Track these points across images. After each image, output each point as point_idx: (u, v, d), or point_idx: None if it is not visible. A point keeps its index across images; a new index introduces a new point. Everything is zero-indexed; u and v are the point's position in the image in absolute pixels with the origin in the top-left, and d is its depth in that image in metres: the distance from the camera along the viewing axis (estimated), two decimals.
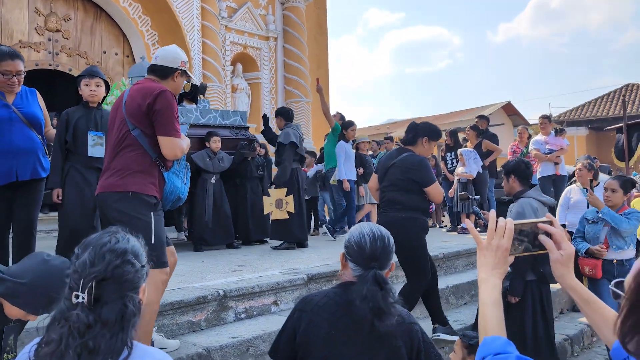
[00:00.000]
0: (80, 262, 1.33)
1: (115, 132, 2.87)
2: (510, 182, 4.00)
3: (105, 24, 10.25)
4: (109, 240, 1.37)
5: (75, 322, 1.26)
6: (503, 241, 1.26)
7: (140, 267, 1.38)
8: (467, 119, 19.32)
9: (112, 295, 1.30)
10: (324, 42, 14.43)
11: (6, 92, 3.64)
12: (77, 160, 3.86)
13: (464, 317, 4.72)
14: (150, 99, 2.79)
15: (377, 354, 1.84)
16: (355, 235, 1.94)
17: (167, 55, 2.99)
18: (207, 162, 6.31)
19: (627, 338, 0.95)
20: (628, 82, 24.75)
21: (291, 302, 4.12)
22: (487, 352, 1.17)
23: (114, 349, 1.26)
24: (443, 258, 5.69)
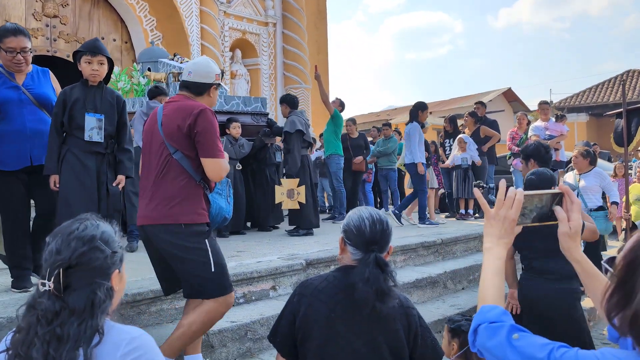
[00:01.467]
0: (48, 250, 1.34)
1: (155, 157, 2.71)
2: (529, 167, 3.92)
3: (103, 10, 10.19)
4: (77, 228, 1.36)
5: (43, 310, 1.27)
6: (511, 212, 1.26)
7: (110, 253, 1.37)
8: (467, 105, 19.26)
9: (80, 282, 1.30)
10: (323, 28, 14.36)
11: (15, 71, 3.49)
12: (74, 144, 3.43)
13: (461, 302, 4.75)
14: (190, 119, 2.66)
15: (376, 337, 1.86)
16: (354, 219, 1.95)
17: (201, 70, 2.84)
18: (228, 148, 6.27)
19: (612, 313, 0.97)
20: (629, 68, 24.65)
21: (289, 287, 4.15)
22: (482, 320, 1.18)
23: (84, 336, 1.26)
24: (441, 244, 5.72)
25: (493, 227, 1.28)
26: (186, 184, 2.68)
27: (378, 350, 1.85)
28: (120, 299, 1.48)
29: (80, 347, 1.25)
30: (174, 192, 2.66)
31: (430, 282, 4.85)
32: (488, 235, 1.29)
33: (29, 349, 1.25)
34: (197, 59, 2.95)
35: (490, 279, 1.25)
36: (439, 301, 4.78)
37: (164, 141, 2.69)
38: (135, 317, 3.31)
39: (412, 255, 5.37)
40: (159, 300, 3.38)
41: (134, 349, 1.29)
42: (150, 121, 2.85)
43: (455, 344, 2.69)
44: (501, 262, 1.26)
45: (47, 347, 1.24)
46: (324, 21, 14.42)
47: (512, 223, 1.26)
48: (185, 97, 2.83)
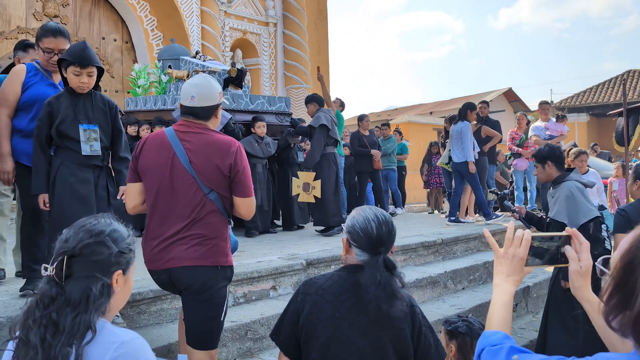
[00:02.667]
0: (59, 239, 1.38)
1: (184, 196, 2.45)
2: (547, 169, 3.89)
3: (103, 10, 10.20)
4: (89, 222, 1.40)
5: (41, 295, 1.30)
6: (519, 250, 1.30)
7: (116, 251, 1.38)
8: None
9: (80, 273, 1.33)
10: (324, 28, 14.36)
11: (51, 70, 3.45)
12: (68, 158, 3.12)
13: (461, 302, 4.75)
14: (230, 159, 2.48)
15: (381, 336, 1.86)
16: (359, 220, 1.94)
17: (206, 93, 2.59)
18: (255, 147, 6.27)
19: (611, 316, 0.97)
20: (629, 69, 24.64)
21: (290, 287, 4.15)
22: (485, 345, 1.22)
23: (77, 330, 1.27)
24: (442, 243, 5.72)
25: (502, 265, 1.33)
26: (222, 225, 2.52)
27: (383, 349, 1.85)
28: (123, 303, 1.48)
29: (73, 343, 1.25)
30: (210, 233, 2.48)
31: (430, 282, 4.85)
32: (497, 273, 1.34)
33: (28, 332, 1.27)
34: (196, 80, 2.65)
35: (497, 311, 1.30)
36: (439, 301, 4.78)
37: (196, 180, 2.46)
38: (135, 317, 3.32)
39: (412, 255, 5.37)
40: (159, 300, 3.38)
41: (122, 355, 1.27)
42: (159, 150, 2.53)
43: (453, 346, 2.68)
44: (509, 297, 1.31)
45: (44, 331, 1.26)
46: (324, 21, 14.42)
47: (521, 261, 1.30)
48: (196, 124, 2.56)
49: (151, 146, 2.56)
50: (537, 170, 3.99)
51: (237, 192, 2.54)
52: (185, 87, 2.63)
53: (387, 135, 9.29)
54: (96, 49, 10.00)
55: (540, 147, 4.03)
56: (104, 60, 10.13)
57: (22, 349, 1.27)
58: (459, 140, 7.16)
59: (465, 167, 7.15)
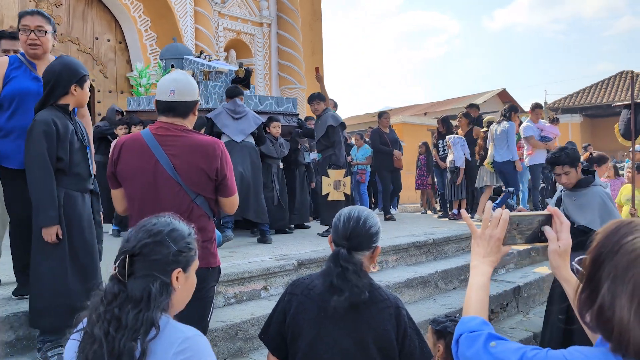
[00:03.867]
0: (123, 238, 1.46)
1: (172, 204, 2.32)
2: (578, 172, 3.67)
3: (97, 10, 10.18)
4: (150, 222, 1.46)
5: (105, 291, 1.37)
6: (496, 231, 1.30)
7: (174, 250, 1.43)
8: (462, 106, 19.30)
9: (141, 272, 1.38)
10: (318, 29, 14.38)
11: (30, 55, 3.22)
12: (71, 185, 2.91)
13: (452, 301, 4.77)
14: (216, 162, 2.41)
15: (365, 336, 1.87)
16: (336, 217, 1.99)
17: (185, 88, 2.47)
18: (270, 147, 6.26)
19: (583, 311, 1.00)
20: (622, 70, 24.77)
21: (281, 288, 4.16)
22: (463, 330, 1.22)
23: (140, 326, 1.31)
24: (433, 243, 5.74)
25: (479, 246, 1.33)
26: (207, 226, 2.46)
27: (366, 349, 1.87)
28: (186, 300, 1.53)
29: (137, 338, 1.30)
30: (200, 237, 2.34)
31: (421, 281, 4.87)
32: (474, 254, 1.34)
33: (93, 326, 1.33)
34: (175, 75, 2.53)
35: (474, 294, 1.30)
36: (430, 301, 4.80)
37: (182, 187, 2.38)
38: None
39: (404, 255, 5.40)
40: None
41: (186, 349, 1.32)
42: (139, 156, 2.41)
43: (441, 346, 2.69)
44: (485, 278, 1.31)
45: (108, 326, 1.31)
46: (318, 22, 14.44)
47: (498, 242, 1.30)
48: (175, 126, 2.45)
49: (130, 151, 2.44)
50: (569, 175, 3.68)
51: (223, 193, 2.50)
52: (163, 82, 2.50)
53: None
54: (89, 49, 10.00)
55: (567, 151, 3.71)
56: (98, 60, 10.12)
57: (87, 342, 1.33)
58: (504, 140, 7.26)
59: (509, 166, 7.26)
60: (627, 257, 0.93)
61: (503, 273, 5.99)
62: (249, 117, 5.78)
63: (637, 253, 0.92)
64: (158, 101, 2.48)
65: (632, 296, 0.91)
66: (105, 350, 1.28)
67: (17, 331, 2.95)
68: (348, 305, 1.83)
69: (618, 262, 0.94)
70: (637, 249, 0.93)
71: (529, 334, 4.70)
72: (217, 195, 2.52)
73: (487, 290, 1.30)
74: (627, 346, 0.91)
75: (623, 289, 0.92)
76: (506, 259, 6.17)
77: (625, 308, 0.91)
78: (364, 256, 1.94)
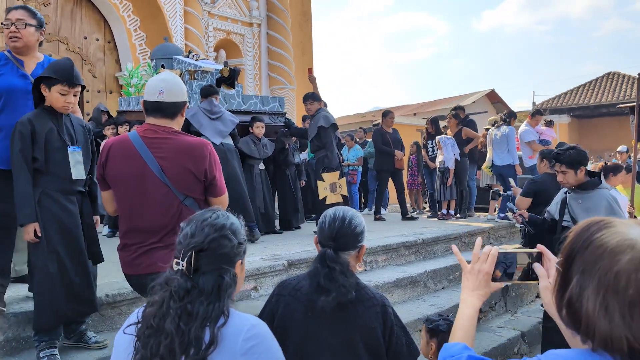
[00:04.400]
0: (183, 234, 1.48)
1: (162, 207, 2.38)
2: (579, 174, 3.67)
3: (85, 9, 10.12)
4: (209, 216, 1.50)
5: (176, 287, 1.39)
6: (485, 265, 1.34)
7: (237, 243, 1.49)
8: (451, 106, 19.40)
9: (209, 266, 1.43)
10: (308, 29, 14.39)
11: (12, 48, 3.13)
12: (50, 185, 2.85)
13: (441, 301, 4.81)
14: (204, 164, 2.41)
15: (353, 335, 1.89)
16: (321, 218, 2.01)
17: (175, 88, 2.47)
18: (252, 148, 6.23)
19: (560, 307, 1.03)
20: (609, 71, 25.03)
21: (271, 288, 4.17)
22: (445, 356, 1.27)
23: (211, 315, 1.37)
24: (422, 243, 5.78)
25: (468, 280, 1.37)
26: None
27: (354, 348, 1.89)
28: (240, 288, 1.57)
29: (207, 325, 1.36)
30: None
31: (410, 281, 4.91)
32: (464, 287, 1.38)
33: (161, 320, 1.37)
34: (163, 76, 2.54)
35: (460, 323, 1.34)
36: (420, 300, 4.84)
37: (171, 189, 2.38)
38: (116, 318, 3.33)
39: (393, 255, 5.43)
40: (140, 300, 3.39)
41: (254, 335, 1.39)
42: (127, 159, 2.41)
43: (434, 344, 2.73)
44: (473, 311, 1.34)
45: (179, 320, 1.36)
46: (308, 22, 14.45)
47: (487, 276, 1.34)
48: (163, 128, 2.45)
49: (117, 154, 2.44)
50: (566, 175, 3.70)
51: (212, 194, 2.51)
52: (151, 83, 2.50)
53: None
54: (78, 48, 9.93)
55: (568, 152, 3.71)
56: (86, 60, 10.07)
57: (150, 336, 1.37)
58: (504, 143, 7.40)
59: (510, 170, 7.40)
60: (595, 252, 0.97)
61: None
62: (225, 117, 5.74)
63: (604, 248, 0.96)
64: (146, 101, 2.46)
65: (597, 288, 0.95)
66: (177, 344, 1.33)
67: (6, 332, 2.94)
68: (335, 305, 1.85)
69: (587, 256, 0.98)
70: (604, 244, 0.97)
71: (517, 333, 4.75)
72: (206, 196, 2.52)
73: (473, 321, 1.34)
74: (593, 336, 0.95)
75: (590, 282, 0.96)
76: None
77: (591, 299, 0.95)
78: (350, 256, 1.97)
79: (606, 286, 0.94)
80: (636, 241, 0.95)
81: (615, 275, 0.93)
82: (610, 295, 0.93)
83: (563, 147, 3.88)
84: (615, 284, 0.93)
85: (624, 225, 0.99)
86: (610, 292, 0.93)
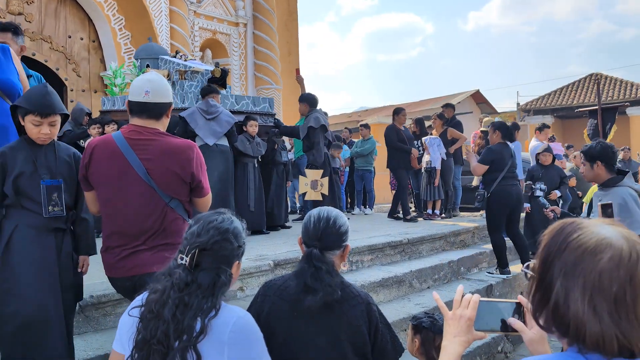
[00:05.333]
0: (190, 231, 1.64)
1: (146, 208, 2.36)
2: (595, 169, 3.70)
3: (70, 8, 10.03)
4: (215, 219, 1.65)
5: (177, 279, 1.56)
6: (466, 311, 1.32)
7: (236, 246, 1.65)
8: (437, 107, 19.51)
9: (209, 264, 1.59)
10: (294, 29, 14.40)
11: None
12: (25, 220, 2.57)
13: (427, 300, 4.85)
14: (191, 167, 2.39)
15: (338, 334, 1.91)
16: (305, 218, 2.03)
17: (160, 88, 2.44)
18: (246, 145, 6.25)
19: (537, 313, 1.04)
20: (592, 72, 25.35)
21: (257, 288, 4.14)
22: None
23: (204, 308, 1.53)
24: (408, 243, 5.82)
25: (450, 326, 1.35)
26: (181, 227, 2.41)
27: (340, 346, 1.91)
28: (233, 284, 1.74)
29: (199, 316, 1.52)
30: (175, 240, 2.36)
31: (396, 281, 4.94)
32: (445, 334, 1.37)
33: (161, 307, 1.53)
34: (149, 76, 2.49)
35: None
36: (405, 300, 4.87)
37: (156, 191, 2.36)
38: (100, 319, 3.31)
39: (379, 254, 5.46)
40: (125, 301, 3.37)
41: (240, 327, 1.56)
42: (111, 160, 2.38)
43: (417, 340, 2.77)
44: (454, 358, 1.33)
45: (175, 309, 1.52)
46: (294, 22, 14.46)
47: (468, 322, 1.32)
48: (147, 129, 2.42)
49: (101, 155, 2.41)
50: (584, 168, 3.78)
51: (197, 195, 2.50)
52: (137, 83, 2.46)
53: (367, 136, 9.43)
54: (62, 47, 9.84)
55: (591, 145, 3.80)
56: (71, 59, 9.98)
57: (151, 320, 1.54)
58: None
59: None
60: (574, 254, 0.98)
61: (476, 272, 6.10)
62: (222, 117, 5.75)
63: (583, 248, 0.98)
64: (131, 102, 2.42)
65: (583, 289, 0.96)
66: (172, 330, 1.50)
67: None
68: (322, 304, 1.87)
69: (567, 259, 0.99)
70: (582, 245, 0.98)
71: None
72: (191, 197, 2.52)
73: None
74: (584, 339, 0.95)
75: (575, 283, 0.97)
76: (479, 257, 6.29)
77: (579, 301, 0.96)
78: (335, 256, 1.99)
79: (592, 286, 0.95)
80: (612, 239, 0.97)
81: (599, 274, 0.95)
82: (597, 295, 0.95)
83: (593, 141, 3.92)
84: (600, 283, 0.95)
85: (595, 225, 1.01)
86: (597, 292, 0.95)
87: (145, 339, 1.53)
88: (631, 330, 0.94)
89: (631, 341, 0.93)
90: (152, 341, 1.51)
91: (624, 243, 0.97)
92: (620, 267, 0.95)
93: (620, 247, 0.96)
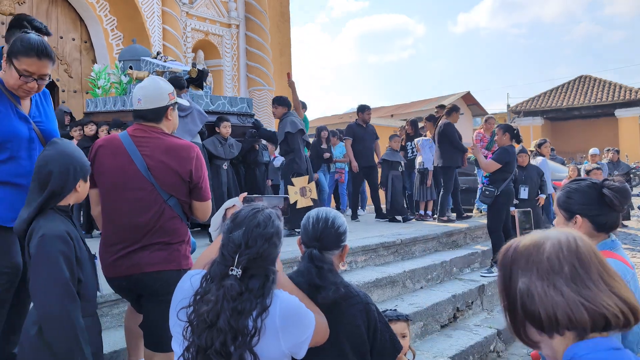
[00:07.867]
0: (236, 238, 1.65)
1: (145, 204, 2.43)
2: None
3: (61, 8, 9.99)
4: (258, 223, 1.68)
5: (229, 290, 1.61)
6: None
7: (279, 245, 1.73)
8: (428, 108, 19.61)
9: (258, 269, 1.65)
10: (286, 30, 14.41)
11: (20, 96, 2.51)
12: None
13: (419, 300, 4.89)
14: (190, 164, 2.46)
15: (337, 333, 1.93)
16: (304, 219, 2.06)
17: (151, 94, 2.54)
18: (218, 148, 6.20)
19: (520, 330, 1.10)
20: (581, 74, 25.58)
21: None
22: None
23: (256, 308, 1.62)
24: (401, 244, 5.86)
25: None
26: (179, 228, 2.51)
27: (339, 346, 1.93)
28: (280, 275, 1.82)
29: (249, 317, 1.60)
30: (172, 239, 2.48)
31: (389, 281, 4.98)
32: None
33: (216, 317, 1.59)
34: (143, 83, 2.61)
35: None
36: (398, 300, 4.91)
37: (155, 187, 2.43)
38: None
39: (372, 255, 5.50)
40: (122, 302, 3.39)
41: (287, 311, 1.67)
42: (115, 156, 2.47)
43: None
44: None
45: (230, 318, 1.58)
46: (286, 23, 14.47)
47: None
48: (152, 129, 2.53)
49: (106, 151, 2.51)
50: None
51: (196, 197, 2.55)
52: (134, 90, 2.62)
53: None
54: (54, 47, 9.78)
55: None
56: (62, 59, 9.94)
57: (203, 328, 1.60)
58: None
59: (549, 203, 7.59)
60: (523, 254, 1.10)
61: (468, 272, 6.16)
62: (194, 114, 5.70)
63: (528, 249, 1.09)
64: (132, 109, 2.62)
65: (539, 276, 1.05)
66: (230, 338, 1.57)
67: None
68: (331, 302, 1.90)
69: (519, 261, 1.10)
70: (527, 245, 1.10)
71: (493, 331, 4.85)
72: (191, 199, 2.56)
73: None
74: (557, 319, 1.02)
75: (531, 275, 1.06)
76: (471, 258, 6.35)
77: (539, 287, 1.04)
78: (334, 256, 2.02)
79: (545, 271, 1.05)
80: (550, 234, 1.09)
81: (547, 259, 1.05)
82: (552, 276, 1.04)
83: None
84: (551, 266, 1.04)
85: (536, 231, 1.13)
86: (552, 274, 1.04)
87: (202, 348, 1.60)
88: (594, 296, 1.01)
89: (596, 304, 1.00)
90: (210, 351, 1.58)
91: (562, 235, 1.08)
92: (563, 249, 1.05)
93: (557, 237, 1.07)
